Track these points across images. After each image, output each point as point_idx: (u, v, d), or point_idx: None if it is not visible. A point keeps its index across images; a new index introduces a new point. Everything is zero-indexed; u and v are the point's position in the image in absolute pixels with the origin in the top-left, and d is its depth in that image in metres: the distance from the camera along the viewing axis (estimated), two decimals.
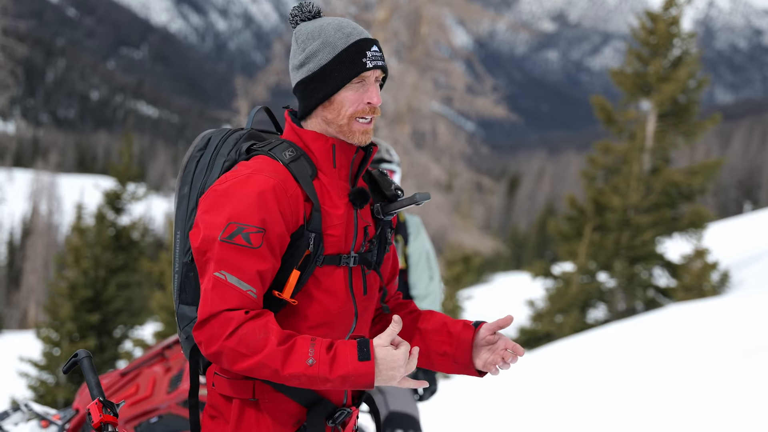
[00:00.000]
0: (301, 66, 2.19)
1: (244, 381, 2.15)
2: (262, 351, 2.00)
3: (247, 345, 2.00)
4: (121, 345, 17.26)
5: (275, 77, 21.10)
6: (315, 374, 2.00)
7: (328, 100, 2.16)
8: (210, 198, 2.11)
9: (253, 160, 2.16)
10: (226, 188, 2.09)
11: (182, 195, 2.25)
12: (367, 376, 2.00)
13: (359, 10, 20.85)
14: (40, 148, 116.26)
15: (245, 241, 2.04)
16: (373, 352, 2.01)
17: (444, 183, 21.77)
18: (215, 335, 2.02)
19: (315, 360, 1.99)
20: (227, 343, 2.01)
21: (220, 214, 2.07)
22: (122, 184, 18.20)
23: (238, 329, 2.01)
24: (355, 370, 1.99)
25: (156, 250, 42.51)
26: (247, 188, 2.08)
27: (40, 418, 3.89)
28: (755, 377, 6.84)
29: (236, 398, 2.17)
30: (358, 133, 2.17)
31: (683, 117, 17.64)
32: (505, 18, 26.65)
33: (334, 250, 2.17)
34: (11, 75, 21.34)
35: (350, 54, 2.15)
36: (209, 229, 2.07)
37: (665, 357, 8.43)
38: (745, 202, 69.82)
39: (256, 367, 2.01)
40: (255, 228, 2.05)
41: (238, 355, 2.01)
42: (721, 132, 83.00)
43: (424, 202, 2.29)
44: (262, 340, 2.00)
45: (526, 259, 53.68)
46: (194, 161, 2.25)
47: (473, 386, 10.05)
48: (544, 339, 17.29)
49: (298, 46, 2.20)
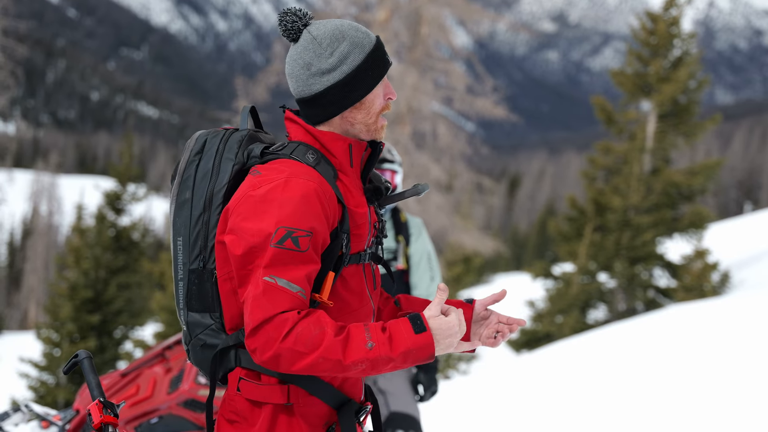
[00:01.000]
0: (333, 69, 2.13)
1: (278, 386, 2.13)
2: (320, 345, 1.98)
3: (305, 342, 1.98)
4: (122, 346, 17.27)
5: (275, 78, 21.09)
6: (377, 356, 2.00)
7: (359, 101, 2.16)
8: (248, 204, 2.07)
9: (278, 163, 2.13)
10: (265, 193, 2.06)
11: (183, 200, 2.19)
12: (428, 347, 2.02)
13: (359, 11, 20.85)
14: (41, 148, 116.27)
15: (295, 246, 2.02)
16: (427, 323, 2.03)
17: (444, 183, 21.77)
18: (271, 339, 1.99)
19: (374, 343, 1.99)
20: (284, 345, 1.98)
21: (265, 220, 2.04)
22: (122, 184, 18.21)
23: (293, 329, 1.99)
24: (414, 344, 2.01)
25: (156, 250, 42.51)
26: (289, 192, 2.05)
27: (41, 418, 3.89)
28: (756, 377, 6.84)
29: (268, 404, 2.14)
30: (381, 129, 2.21)
31: (683, 117, 17.63)
32: (505, 18, 26.62)
33: (358, 248, 2.20)
34: (11, 76, 21.35)
35: (378, 52, 2.16)
36: (256, 237, 2.03)
37: (665, 357, 8.42)
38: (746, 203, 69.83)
39: (317, 362, 1.99)
40: (304, 232, 2.03)
41: (296, 355, 1.99)
42: (722, 132, 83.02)
43: (424, 192, 2.32)
44: (318, 335, 1.99)
45: (526, 260, 53.70)
46: (193, 165, 2.20)
47: (474, 387, 10.05)
48: (545, 339, 17.29)
49: (324, 49, 2.13)
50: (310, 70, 2.14)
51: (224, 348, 2.15)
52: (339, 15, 19.86)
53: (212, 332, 2.18)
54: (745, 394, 6.47)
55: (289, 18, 2.17)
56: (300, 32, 2.17)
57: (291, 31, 2.17)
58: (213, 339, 2.18)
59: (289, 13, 2.17)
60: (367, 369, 2.02)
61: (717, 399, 6.56)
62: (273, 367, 2.02)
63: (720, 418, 6.13)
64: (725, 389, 6.74)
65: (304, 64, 2.15)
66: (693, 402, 6.66)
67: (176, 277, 2.20)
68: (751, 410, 6.12)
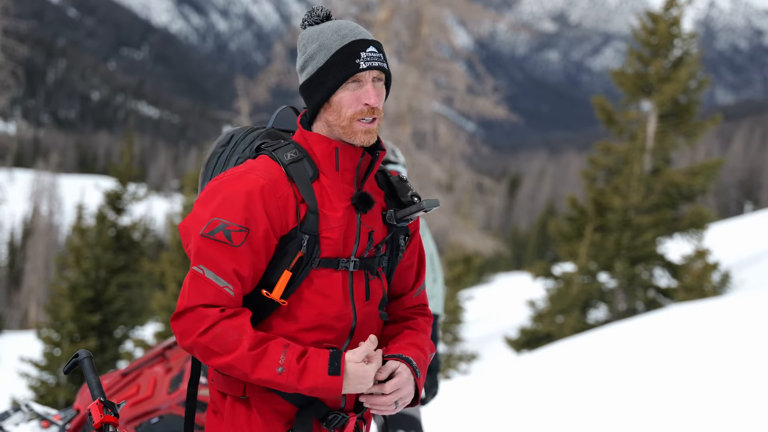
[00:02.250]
0: (302, 69, 2.21)
1: (236, 379, 2.15)
2: (233, 352, 2.03)
3: (220, 344, 2.04)
4: (122, 345, 17.27)
5: (276, 78, 21.11)
6: (283, 382, 2.04)
7: (327, 102, 2.16)
8: (205, 191, 2.16)
9: (258, 159, 2.20)
10: (219, 184, 2.13)
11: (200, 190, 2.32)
12: (335, 390, 2.05)
13: (360, 11, 20.85)
14: (41, 148, 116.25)
15: (226, 238, 2.07)
16: (344, 366, 2.05)
17: (445, 183, 21.76)
18: (189, 329, 2.06)
19: (285, 369, 2.03)
20: (200, 340, 2.05)
21: (207, 209, 2.11)
22: (123, 184, 18.21)
23: (212, 327, 2.04)
24: (323, 384, 2.04)
25: (157, 250, 42.51)
26: (236, 186, 2.10)
27: (41, 418, 3.89)
28: (756, 378, 6.83)
29: (229, 395, 2.19)
30: (360, 134, 2.15)
31: (684, 117, 17.62)
32: (505, 18, 26.65)
33: (332, 253, 2.15)
34: (12, 75, 21.36)
35: (343, 55, 2.14)
36: (194, 221, 2.11)
37: (666, 358, 8.42)
38: (746, 203, 69.82)
39: (226, 366, 2.05)
40: (237, 227, 2.07)
41: (210, 352, 2.05)
42: (722, 132, 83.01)
43: (434, 209, 2.26)
44: (234, 341, 2.03)
45: (526, 260, 53.68)
46: (216, 157, 2.30)
47: (474, 387, 10.05)
48: (545, 339, 17.29)
49: (300, 49, 2.22)
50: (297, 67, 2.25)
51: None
52: (339, 15, 19.85)
53: None
54: (746, 395, 6.47)
55: (305, 16, 2.26)
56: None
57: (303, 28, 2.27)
58: None
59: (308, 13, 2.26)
60: (275, 388, 2.07)
61: (717, 399, 6.56)
62: (190, 353, 2.09)
63: (720, 419, 6.13)
64: (726, 389, 6.74)
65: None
66: (693, 402, 6.66)
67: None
68: (752, 410, 6.12)
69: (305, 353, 2.05)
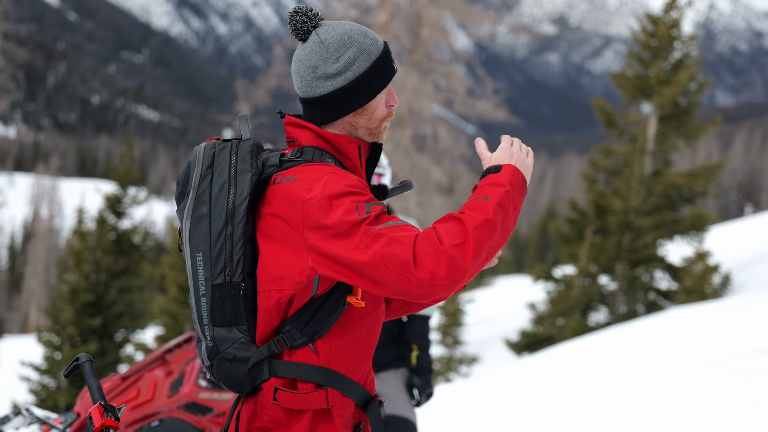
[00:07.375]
0: (337, 75, 2.13)
1: (316, 392, 2.12)
2: (464, 226, 1.99)
3: (453, 235, 1.99)
4: (123, 349, 17.28)
5: (276, 80, 21.14)
6: (499, 197, 2.05)
7: (362, 107, 2.16)
8: (317, 207, 2.03)
9: (304, 167, 2.11)
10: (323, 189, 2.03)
11: (200, 216, 2.13)
12: (514, 171, 2.11)
13: (360, 13, 20.88)
14: (41, 152, 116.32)
15: (376, 206, 2.03)
16: (494, 164, 2.14)
17: (445, 186, 21.78)
18: (431, 253, 1.96)
19: (489, 196, 2.05)
20: (444, 247, 1.96)
21: (338, 210, 2.00)
22: (123, 187, 18.22)
23: (436, 234, 1.98)
24: (505, 174, 2.09)
25: (157, 254, 42.48)
26: (345, 180, 2.05)
27: (42, 422, 3.88)
28: (756, 379, 6.83)
29: (310, 410, 2.13)
30: (383, 133, 2.23)
31: (684, 119, 17.63)
32: (505, 21, 26.71)
33: None
34: (12, 79, 21.39)
35: (384, 60, 2.17)
36: (343, 226, 2.00)
37: (667, 360, 8.42)
38: (746, 205, 69.75)
39: (477, 237, 1.99)
40: (369, 197, 2.06)
41: (460, 247, 1.97)
42: (722, 134, 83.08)
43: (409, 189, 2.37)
44: (451, 225, 2.00)
45: (527, 262, 53.70)
46: (207, 179, 2.14)
47: (475, 389, 10.05)
48: (546, 342, 17.29)
49: (330, 54, 2.13)
50: (316, 72, 2.15)
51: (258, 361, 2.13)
52: (339, 18, 19.86)
53: (242, 345, 2.14)
54: (746, 395, 6.47)
55: (299, 18, 2.17)
56: (309, 33, 2.18)
57: (300, 32, 2.18)
58: (243, 352, 2.14)
59: (299, 13, 2.17)
60: (517, 206, 2.09)
61: (718, 400, 6.55)
62: (455, 279, 1.98)
63: (721, 419, 6.12)
64: (726, 390, 6.73)
65: (310, 66, 2.15)
66: (694, 403, 6.65)
67: (197, 293, 2.14)
68: (752, 411, 6.12)
69: (474, 186, 2.11)
